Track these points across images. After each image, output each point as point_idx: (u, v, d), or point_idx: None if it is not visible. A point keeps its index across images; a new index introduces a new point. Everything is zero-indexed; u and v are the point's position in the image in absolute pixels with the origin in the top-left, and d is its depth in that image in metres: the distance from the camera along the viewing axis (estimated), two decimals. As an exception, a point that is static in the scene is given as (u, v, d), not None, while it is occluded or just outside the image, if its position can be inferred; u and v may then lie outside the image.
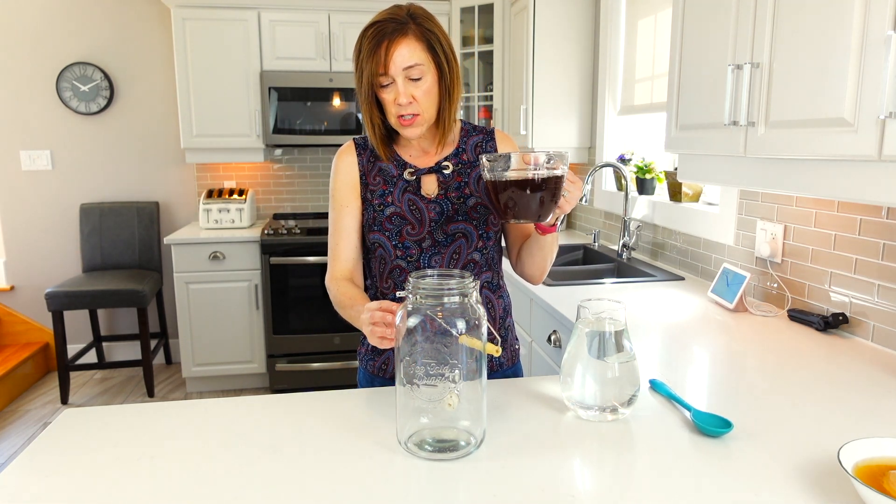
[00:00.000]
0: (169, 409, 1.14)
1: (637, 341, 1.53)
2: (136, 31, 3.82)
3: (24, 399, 3.61)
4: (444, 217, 1.31)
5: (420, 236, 1.31)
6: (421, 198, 1.31)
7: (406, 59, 1.18)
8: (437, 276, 1.00)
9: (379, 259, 1.35)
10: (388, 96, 1.22)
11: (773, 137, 1.32)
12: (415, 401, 0.96)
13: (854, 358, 1.42)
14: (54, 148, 3.84)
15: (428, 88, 1.22)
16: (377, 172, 1.33)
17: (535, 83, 3.08)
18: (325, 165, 4.15)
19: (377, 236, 1.32)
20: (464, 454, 0.96)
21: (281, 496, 0.86)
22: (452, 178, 1.32)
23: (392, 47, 1.17)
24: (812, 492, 0.86)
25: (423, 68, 1.20)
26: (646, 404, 1.15)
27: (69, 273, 3.97)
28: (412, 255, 1.32)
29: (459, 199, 1.31)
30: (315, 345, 3.58)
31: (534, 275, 1.37)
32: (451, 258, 1.32)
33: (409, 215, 1.31)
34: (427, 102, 1.23)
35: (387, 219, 1.31)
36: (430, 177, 1.33)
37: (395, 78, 1.19)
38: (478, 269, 1.35)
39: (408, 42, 1.18)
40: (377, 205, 1.31)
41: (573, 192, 1.15)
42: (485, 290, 1.37)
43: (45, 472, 0.93)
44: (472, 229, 1.32)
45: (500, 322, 1.40)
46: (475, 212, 1.31)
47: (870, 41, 1.08)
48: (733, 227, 2.06)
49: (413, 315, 0.94)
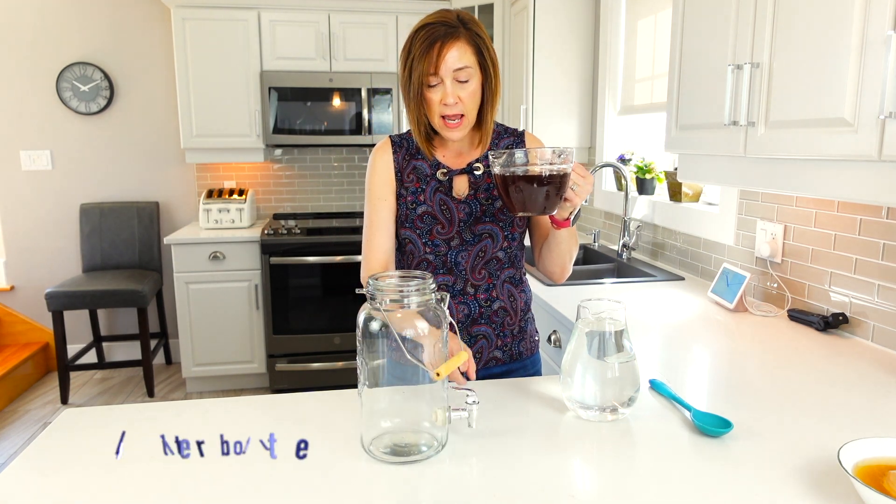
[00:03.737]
0: (169, 409, 1.14)
1: (637, 341, 1.53)
2: (136, 31, 3.82)
3: (24, 399, 3.61)
4: (473, 218, 1.36)
5: (449, 235, 1.36)
6: (452, 198, 1.36)
7: (456, 61, 1.23)
8: (398, 277, 1.00)
9: (408, 253, 1.40)
10: (434, 96, 1.26)
11: (773, 137, 1.32)
12: (378, 404, 0.95)
13: (854, 358, 1.42)
14: (54, 148, 3.84)
15: (473, 91, 1.27)
16: (411, 170, 1.38)
17: (535, 83, 3.08)
18: (325, 165, 4.15)
19: (408, 233, 1.37)
20: (423, 458, 0.95)
21: (281, 495, 0.86)
22: (482, 179, 1.37)
23: (444, 49, 1.22)
24: (812, 492, 0.86)
25: (471, 71, 1.25)
26: (646, 404, 1.15)
27: (69, 273, 3.97)
28: (440, 252, 1.37)
29: (488, 201, 1.36)
30: (315, 345, 3.58)
31: (554, 271, 1.40)
32: (476, 256, 1.37)
33: (440, 215, 1.36)
34: (471, 105, 1.28)
35: (418, 217, 1.36)
36: (461, 177, 1.37)
37: (444, 79, 1.24)
38: (500, 265, 1.40)
39: (459, 45, 1.23)
40: (410, 202, 1.36)
41: (583, 186, 1.18)
42: (507, 286, 1.42)
43: (45, 472, 0.93)
44: (499, 230, 1.37)
45: (521, 314, 1.44)
46: (502, 213, 1.36)
47: (870, 41, 1.08)
48: (733, 227, 2.06)
49: (374, 320, 0.94)
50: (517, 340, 1.44)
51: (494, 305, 1.40)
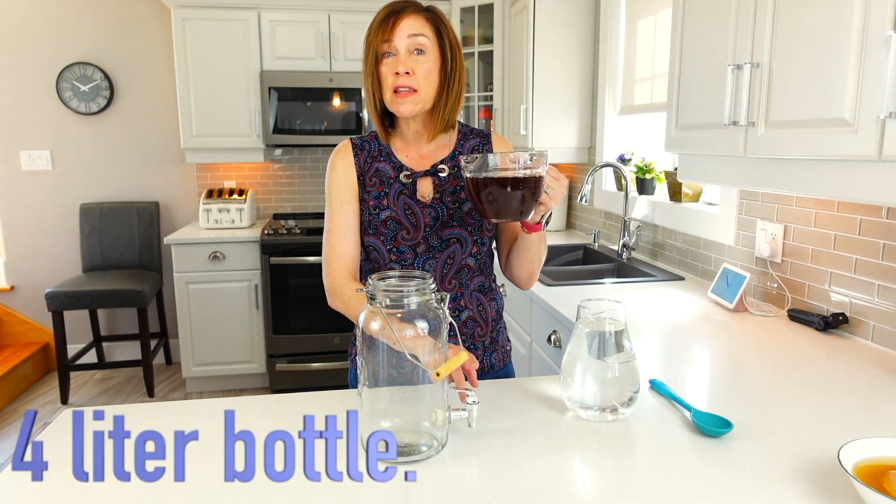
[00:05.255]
0: (169, 409, 1.14)
1: (637, 341, 1.53)
2: (136, 31, 3.82)
3: (24, 399, 3.61)
4: (439, 222, 1.30)
5: (415, 241, 1.30)
6: (416, 202, 1.30)
7: (411, 27, 1.21)
8: (397, 277, 0.99)
9: (373, 262, 1.34)
10: (387, 69, 1.23)
11: (773, 137, 1.32)
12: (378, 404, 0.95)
13: (854, 358, 1.42)
14: (54, 148, 3.84)
15: (429, 69, 1.23)
16: (374, 173, 1.32)
17: (535, 83, 3.08)
18: (324, 165, 4.15)
19: (372, 240, 1.31)
20: (423, 458, 0.95)
21: (281, 495, 0.86)
22: (448, 181, 1.31)
23: (400, 19, 1.22)
24: (812, 492, 0.86)
25: (427, 43, 1.22)
26: (646, 404, 1.15)
27: (69, 273, 3.97)
28: (406, 260, 1.31)
29: (455, 204, 1.30)
30: (315, 345, 3.58)
31: (521, 277, 1.35)
32: (445, 263, 1.31)
33: (405, 220, 1.29)
34: (425, 82, 1.23)
35: (382, 223, 1.29)
36: (425, 180, 1.32)
37: (398, 49, 1.22)
38: (471, 273, 1.34)
39: (416, 17, 1.23)
40: (373, 207, 1.30)
41: (556, 189, 1.14)
42: (476, 294, 1.36)
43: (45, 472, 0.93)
44: (467, 235, 1.30)
45: (492, 324, 1.39)
46: (470, 217, 1.30)
47: (870, 41, 1.08)
48: (733, 227, 2.06)
49: (374, 320, 0.94)
50: (488, 352, 1.38)
51: (462, 315, 1.34)
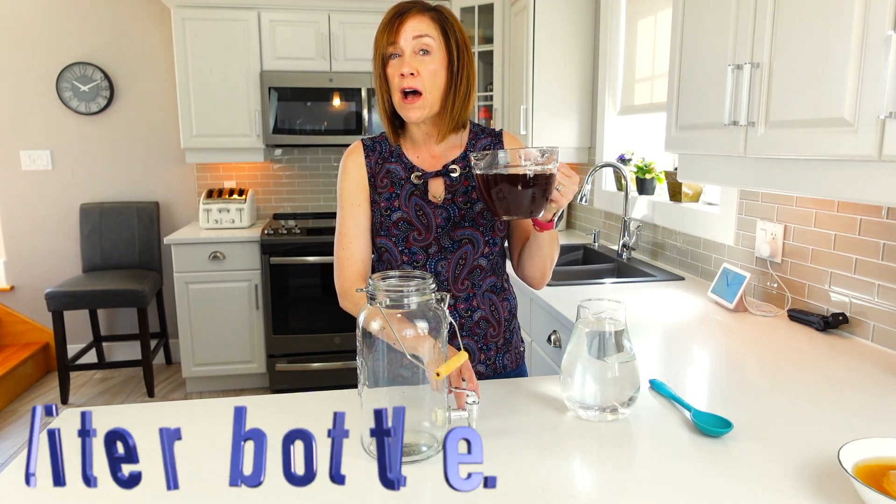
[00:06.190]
0: (169, 409, 1.14)
1: (637, 341, 1.53)
2: (136, 31, 3.82)
3: (24, 399, 3.61)
4: (451, 223, 1.29)
5: (427, 242, 1.29)
6: (428, 203, 1.29)
7: (416, 28, 1.20)
8: (398, 277, 0.99)
9: (385, 263, 1.34)
10: (393, 71, 1.22)
11: (773, 137, 1.32)
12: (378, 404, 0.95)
13: (854, 358, 1.42)
14: (54, 148, 3.84)
15: (435, 69, 1.22)
16: (385, 174, 1.31)
17: (535, 83, 3.08)
18: (325, 165, 4.15)
19: (384, 241, 1.31)
20: (423, 458, 0.95)
21: (280, 494, 0.86)
22: (460, 181, 1.30)
23: (405, 20, 1.21)
24: (812, 492, 0.86)
25: (433, 44, 1.21)
26: (646, 404, 1.15)
27: (69, 273, 3.97)
28: (418, 261, 1.30)
29: (466, 205, 1.30)
30: (315, 345, 3.58)
31: (534, 276, 1.34)
32: (457, 264, 1.30)
33: (416, 221, 1.29)
34: (430, 83, 1.22)
35: (393, 224, 1.29)
36: (437, 180, 1.31)
37: (404, 50, 1.21)
38: (483, 274, 1.33)
39: (421, 18, 1.22)
40: (384, 208, 1.30)
41: (568, 186, 1.13)
42: (488, 295, 1.35)
43: (46, 472, 0.93)
44: (479, 235, 1.30)
45: (505, 325, 1.38)
46: (482, 217, 1.30)
47: (870, 41, 1.08)
48: (733, 227, 2.06)
49: (374, 320, 0.94)
50: (501, 353, 1.37)
51: (475, 316, 1.33)
